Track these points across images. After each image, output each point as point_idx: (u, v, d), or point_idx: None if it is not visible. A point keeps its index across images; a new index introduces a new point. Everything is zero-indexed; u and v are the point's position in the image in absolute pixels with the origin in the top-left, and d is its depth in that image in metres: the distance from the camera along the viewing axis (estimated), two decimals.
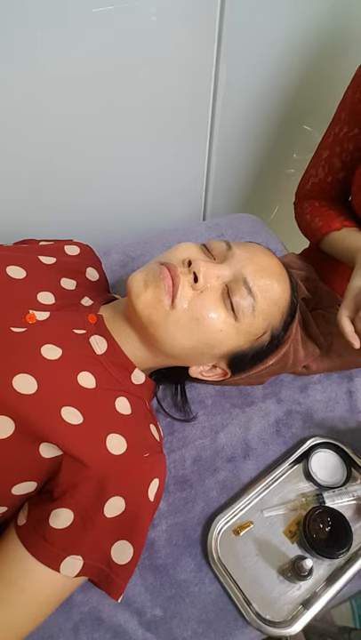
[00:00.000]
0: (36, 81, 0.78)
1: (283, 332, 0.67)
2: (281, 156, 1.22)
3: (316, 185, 0.87)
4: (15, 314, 0.59)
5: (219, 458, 0.72)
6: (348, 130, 0.77)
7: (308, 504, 0.67)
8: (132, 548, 0.55)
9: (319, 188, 0.87)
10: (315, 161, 0.86)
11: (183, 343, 0.60)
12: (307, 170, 0.90)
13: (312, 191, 0.88)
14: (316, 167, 0.86)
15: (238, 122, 1.06)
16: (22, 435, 0.51)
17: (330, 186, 0.85)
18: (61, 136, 0.88)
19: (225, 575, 0.62)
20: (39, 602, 0.52)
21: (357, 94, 0.74)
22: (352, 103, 0.76)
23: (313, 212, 0.86)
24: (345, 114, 0.78)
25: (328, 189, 0.86)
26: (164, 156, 1.05)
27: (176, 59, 0.87)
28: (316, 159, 0.86)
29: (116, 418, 0.58)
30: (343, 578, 0.62)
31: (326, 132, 0.83)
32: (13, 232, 0.87)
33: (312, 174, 0.87)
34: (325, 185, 0.86)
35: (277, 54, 0.97)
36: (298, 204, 0.92)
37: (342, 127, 0.78)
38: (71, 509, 0.52)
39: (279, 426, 0.76)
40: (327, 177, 0.84)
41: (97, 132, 0.92)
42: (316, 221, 0.83)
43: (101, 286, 0.77)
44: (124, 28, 0.78)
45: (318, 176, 0.86)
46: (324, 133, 0.84)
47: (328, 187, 0.86)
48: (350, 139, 0.77)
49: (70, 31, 0.74)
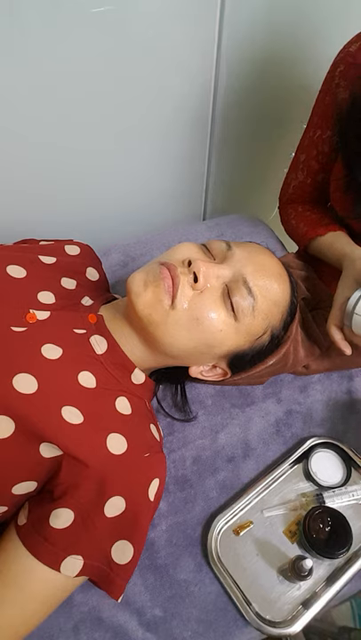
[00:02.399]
0: (36, 81, 0.78)
1: (283, 331, 0.67)
2: (281, 155, 1.21)
3: (298, 188, 0.88)
4: (15, 313, 0.59)
5: (219, 458, 0.72)
6: (322, 132, 0.79)
7: (308, 504, 0.67)
8: (133, 547, 0.55)
9: (301, 190, 0.88)
10: (294, 165, 0.88)
11: (183, 343, 0.60)
12: (287, 174, 0.91)
13: (294, 194, 0.90)
14: (296, 170, 0.87)
15: (238, 121, 1.06)
16: (22, 434, 0.51)
17: (311, 187, 0.87)
18: (61, 136, 0.88)
19: (225, 575, 0.62)
20: (39, 602, 0.52)
21: (327, 98, 0.76)
22: (323, 107, 0.78)
23: (297, 217, 0.88)
24: (317, 117, 0.79)
25: (309, 191, 0.88)
26: (164, 155, 1.05)
27: (176, 59, 0.87)
28: (295, 163, 0.88)
29: (116, 418, 0.58)
30: (343, 578, 0.62)
31: (303, 136, 0.85)
32: (13, 232, 0.87)
33: (293, 178, 0.89)
34: (306, 187, 0.87)
35: (277, 54, 0.97)
36: (282, 208, 0.94)
37: (316, 130, 0.80)
38: (71, 509, 0.52)
39: (279, 426, 0.76)
40: (307, 179, 0.86)
41: (97, 132, 0.92)
42: (301, 227, 0.85)
43: (101, 286, 0.77)
44: (124, 29, 0.78)
45: (298, 179, 0.87)
46: (301, 138, 0.85)
47: (309, 188, 0.87)
48: (324, 141, 0.79)
49: (70, 31, 0.74)
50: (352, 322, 0.66)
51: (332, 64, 0.75)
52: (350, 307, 0.65)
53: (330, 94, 0.75)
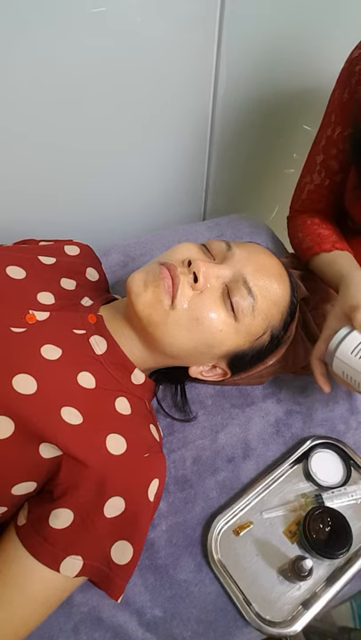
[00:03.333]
0: (36, 82, 0.78)
1: (283, 331, 0.67)
2: (281, 155, 1.22)
3: (313, 192, 0.86)
4: (15, 314, 0.59)
5: (219, 458, 0.72)
6: (343, 130, 0.77)
7: (308, 504, 0.67)
8: (132, 548, 0.55)
9: (316, 194, 0.85)
10: (309, 168, 0.85)
11: (183, 343, 0.60)
12: (300, 179, 0.88)
13: (308, 200, 0.87)
14: (312, 173, 0.84)
15: (238, 122, 1.06)
16: (22, 435, 0.51)
17: (327, 190, 0.84)
18: (61, 136, 0.88)
19: (225, 575, 0.62)
20: (39, 602, 0.52)
21: (346, 94, 0.74)
22: (341, 104, 0.76)
23: (305, 230, 0.84)
24: (335, 115, 0.77)
25: (326, 194, 0.85)
26: (164, 156, 1.05)
27: (176, 59, 0.87)
28: (310, 166, 0.85)
29: (115, 418, 0.58)
30: (343, 578, 0.62)
31: (317, 137, 0.83)
32: (13, 232, 0.87)
33: (307, 181, 0.86)
34: (323, 190, 0.84)
35: (277, 54, 0.97)
36: (291, 218, 0.90)
37: (335, 128, 0.78)
38: (71, 509, 0.52)
39: (279, 426, 0.76)
40: (324, 181, 0.83)
41: (97, 132, 0.92)
42: (307, 241, 0.82)
43: (101, 286, 0.77)
44: (124, 29, 0.78)
45: (315, 182, 0.84)
46: (314, 139, 0.84)
47: (326, 191, 0.84)
48: (346, 138, 0.77)
49: (69, 31, 0.74)
50: (333, 364, 0.64)
51: (348, 61, 0.74)
52: (332, 347, 0.63)
53: (349, 91, 0.73)
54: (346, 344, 0.62)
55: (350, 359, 0.61)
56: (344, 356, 0.62)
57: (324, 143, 0.81)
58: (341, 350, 0.62)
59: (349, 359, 0.61)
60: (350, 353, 0.61)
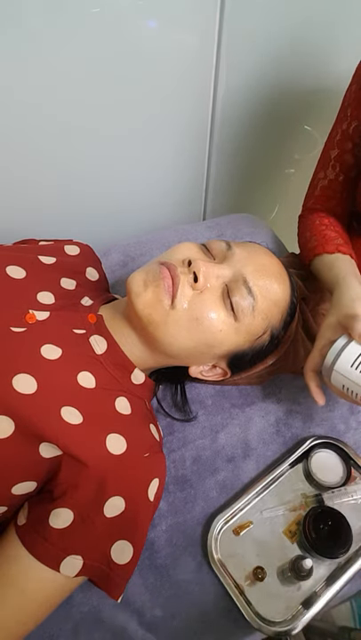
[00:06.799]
0: (36, 82, 0.78)
1: (283, 331, 0.67)
2: (281, 155, 1.22)
3: (326, 188, 0.85)
4: (15, 314, 0.59)
5: (219, 458, 0.72)
6: (359, 124, 0.76)
7: (308, 504, 0.67)
8: (132, 548, 0.55)
9: (330, 190, 0.85)
10: (323, 163, 0.85)
11: (183, 343, 0.60)
12: (314, 176, 0.88)
13: (322, 196, 0.86)
14: (325, 168, 0.84)
15: (238, 122, 1.06)
16: (22, 435, 0.51)
17: (341, 186, 0.83)
18: (61, 136, 0.88)
19: (225, 575, 0.62)
20: (39, 601, 0.52)
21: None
22: (358, 98, 0.75)
23: (313, 229, 0.83)
24: (352, 109, 0.77)
25: (339, 190, 0.84)
26: (164, 156, 1.05)
27: (176, 59, 0.88)
28: (323, 161, 0.84)
29: (115, 418, 0.58)
30: (343, 578, 0.62)
31: (332, 132, 0.82)
32: (13, 232, 0.87)
33: (321, 177, 0.85)
34: (337, 185, 0.83)
35: (277, 54, 0.97)
36: (302, 217, 0.89)
37: (351, 122, 0.77)
38: (71, 509, 0.52)
39: (279, 426, 0.76)
40: (338, 176, 0.83)
41: (97, 132, 0.92)
42: (312, 241, 0.81)
43: (101, 286, 0.77)
44: (124, 29, 0.78)
45: (328, 177, 0.84)
46: (328, 134, 0.83)
47: (339, 187, 0.83)
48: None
49: (69, 32, 0.74)
50: (331, 377, 0.60)
51: None
52: (330, 360, 0.60)
53: None
54: (345, 357, 0.59)
55: (351, 373, 0.58)
56: (344, 370, 0.59)
57: (339, 137, 0.80)
58: (341, 363, 0.59)
59: (350, 373, 0.58)
60: (350, 366, 0.58)
